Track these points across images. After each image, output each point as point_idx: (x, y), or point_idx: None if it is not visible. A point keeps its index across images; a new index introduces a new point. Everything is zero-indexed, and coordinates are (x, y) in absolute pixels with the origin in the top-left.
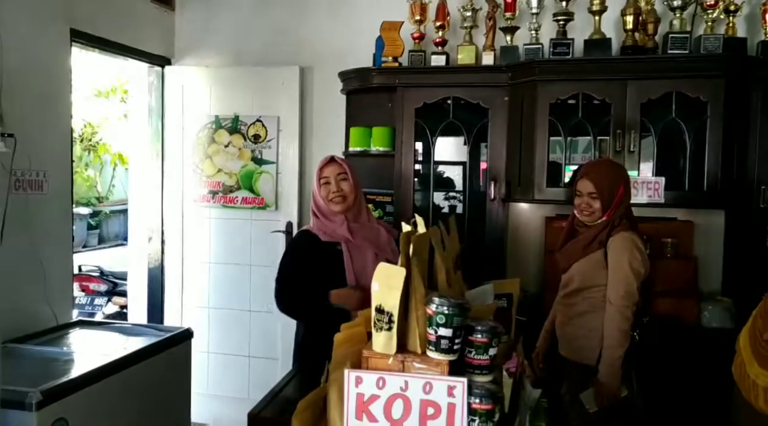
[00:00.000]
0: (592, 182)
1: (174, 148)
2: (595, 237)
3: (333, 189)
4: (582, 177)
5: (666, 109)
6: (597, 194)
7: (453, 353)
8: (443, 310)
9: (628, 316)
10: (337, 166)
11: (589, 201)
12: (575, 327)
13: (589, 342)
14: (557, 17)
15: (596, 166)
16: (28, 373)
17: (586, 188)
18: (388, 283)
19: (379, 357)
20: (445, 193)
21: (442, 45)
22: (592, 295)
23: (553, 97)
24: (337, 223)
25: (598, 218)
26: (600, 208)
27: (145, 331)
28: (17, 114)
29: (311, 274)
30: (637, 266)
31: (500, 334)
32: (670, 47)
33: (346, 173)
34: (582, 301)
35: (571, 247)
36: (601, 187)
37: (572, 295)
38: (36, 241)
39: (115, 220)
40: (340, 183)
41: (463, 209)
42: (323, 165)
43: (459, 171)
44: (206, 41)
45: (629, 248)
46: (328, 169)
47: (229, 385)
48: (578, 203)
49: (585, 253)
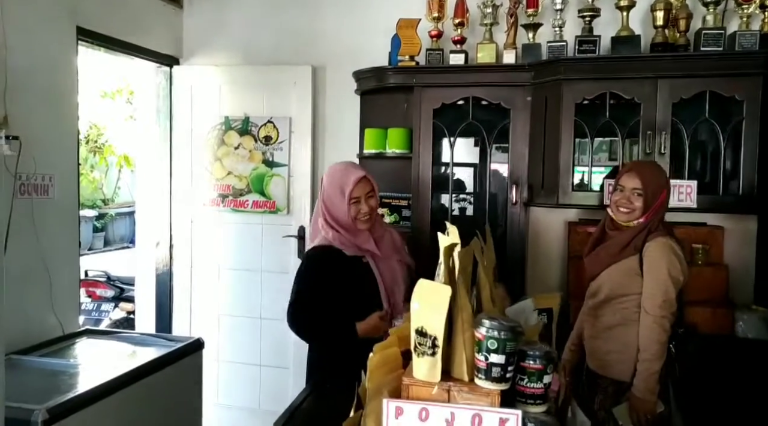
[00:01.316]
0: (640, 178)
1: (182, 150)
2: (629, 241)
3: (363, 209)
4: (628, 171)
5: (699, 110)
6: (642, 191)
7: (505, 382)
8: (495, 335)
9: (666, 327)
10: (367, 183)
11: (631, 197)
12: (606, 340)
13: (622, 356)
14: (583, 13)
15: (643, 163)
16: (34, 388)
17: (632, 183)
18: (431, 302)
19: (421, 385)
20: (456, 195)
21: (460, 43)
22: (624, 305)
23: (579, 97)
24: (362, 238)
25: (636, 218)
26: (641, 208)
27: (155, 342)
28: (22, 115)
29: (339, 293)
30: (675, 274)
31: (554, 359)
32: (703, 44)
33: (373, 191)
34: (613, 312)
35: (602, 252)
36: (647, 184)
37: (602, 306)
38: (42, 247)
39: (120, 223)
40: (368, 201)
41: (474, 211)
42: (355, 184)
43: (469, 173)
44: (216, 40)
45: (667, 254)
46: (359, 189)
47: (239, 394)
48: (617, 199)
49: (617, 259)
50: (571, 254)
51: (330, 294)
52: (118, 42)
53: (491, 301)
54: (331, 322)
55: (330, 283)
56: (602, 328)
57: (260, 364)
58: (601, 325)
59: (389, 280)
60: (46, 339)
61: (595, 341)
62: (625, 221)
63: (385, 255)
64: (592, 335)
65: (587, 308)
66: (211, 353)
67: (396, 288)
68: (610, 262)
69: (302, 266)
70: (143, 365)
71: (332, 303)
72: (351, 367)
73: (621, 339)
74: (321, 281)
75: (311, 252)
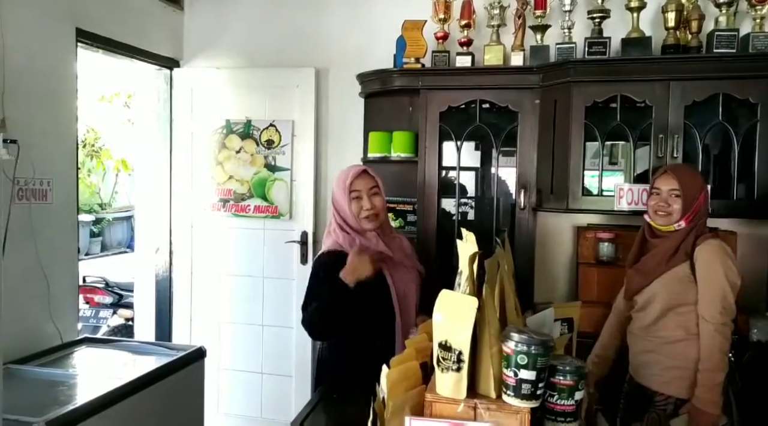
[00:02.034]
0: (676, 178)
1: (182, 154)
2: (677, 247)
3: (366, 205)
4: (663, 174)
5: (712, 112)
6: (680, 192)
7: (535, 399)
8: (525, 349)
9: (727, 335)
10: (369, 179)
11: (668, 200)
12: (668, 355)
13: (684, 372)
14: (592, 14)
15: (678, 165)
16: (32, 399)
17: (668, 184)
18: (456, 314)
19: (445, 402)
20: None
21: (467, 45)
22: (683, 316)
23: (589, 100)
24: (372, 241)
25: (675, 222)
26: (680, 210)
27: (155, 350)
28: (21, 118)
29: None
30: (732, 277)
31: (585, 374)
32: (716, 46)
33: (377, 187)
34: (674, 325)
35: (649, 261)
36: (684, 185)
37: (657, 319)
38: (40, 253)
39: (118, 227)
40: (372, 198)
41: (475, 216)
42: (354, 177)
43: (470, 176)
44: (217, 42)
45: (721, 256)
46: (359, 182)
47: (241, 403)
48: (654, 203)
49: (668, 267)
50: (580, 260)
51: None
52: (118, 44)
53: (516, 312)
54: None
55: (341, 288)
56: (661, 342)
57: (262, 372)
58: (659, 340)
59: (401, 286)
60: (44, 348)
61: (652, 356)
62: (665, 225)
63: (397, 259)
64: (648, 349)
65: (637, 322)
66: (212, 361)
67: (408, 295)
68: (660, 271)
69: (313, 271)
70: (144, 375)
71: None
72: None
73: (684, 353)
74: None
75: (321, 258)
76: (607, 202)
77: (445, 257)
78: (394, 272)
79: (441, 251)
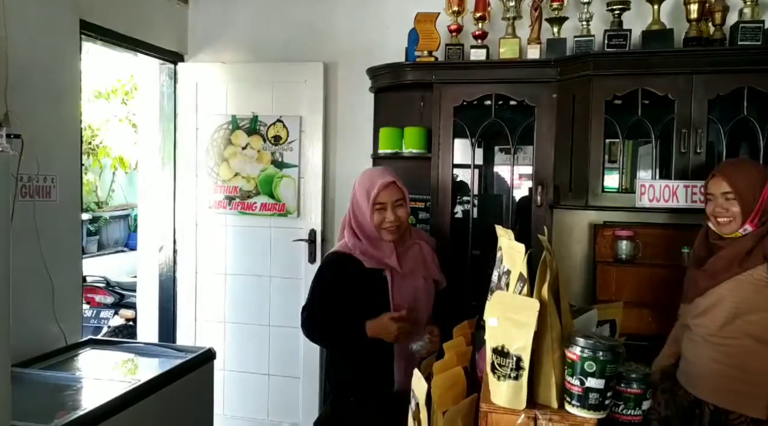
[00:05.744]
0: (726, 179)
1: (187, 151)
2: (752, 248)
3: (390, 218)
4: (712, 177)
5: (736, 106)
6: (733, 194)
7: (603, 410)
8: (593, 355)
9: None
10: (396, 190)
11: (724, 204)
12: (741, 369)
13: (756, 388)
14: (611, 7)
15: (731, 163)
16: (38, 405)
17: (720, 187)
18: (515, 318)
19: (502, 412)
20: (459, 197)
21: (481, 38)
22: (754, 325)
23: (609, 94)
24: (385, 251)
25: (740, 227)
26: (740, 213)
27: (162, 352)
28: (24, 113)
29: (352, 302)
30: None
31: (654, 382)
32: (741, 38)
33: (403, 199)
34: (741, 333)
35: (720, 262)
36: (737, 186)
37: (725, 325)
38: (44, 253)
39: (115, 226)
40: (396, 210)
41: (478, 214)
42: (381, 189)
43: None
44: (222, 36)
45: None
46: (385, 195)
47: (247, 405)
48: (711, 209)
49: (743, 268)
50: (598, 258)
51: (341, 301)
52: (122, 37)
53: (569, 315)
54: (340, 324)
55: (342, 292)
56: (728, 351)
57: (269, 374)
58: (724, 349)
59: (407, 298)
60: (49, 350)
61: (715, 367)
62: (730, 234)
63: (407, 271)
64: (711, 359)
65: (698, 328)
66: (218, 362)
67: (417, 306)
68: (733, 273)
69: (318, 271)
70: (153, 379)
71: (342, 310)
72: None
73: (757, 366)
74: (334, 288)
75: (329, 257)
76: (630, 199)
77: (460, 257)
78: (400, 283)
79: (455, 252)
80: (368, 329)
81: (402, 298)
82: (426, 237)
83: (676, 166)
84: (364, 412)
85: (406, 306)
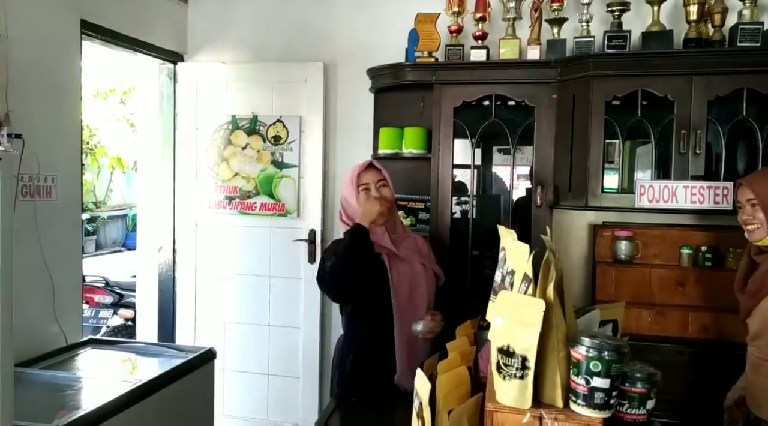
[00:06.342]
0: (749, 187)
1: (186, 150)
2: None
3: (375, 195)
4: (740, 185)
5: (736, 108)
6: (757, 201)
7: (608, 409)
8: (599, 355)
9: None
10: (376, 172)
11: (750, 211)
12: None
13: None
14: (611, 8)
15: (757, 172)
16: (39, 405)
17: (744, 195)
18: (520, 317)
19: (507, 411)
20: (457, 197)
21: (482, 39)
22: None
23: (609, 95)
24: (378, 234)
25: (767, 235)
26: (765, 220)
27: (162, 352)
28: (25, 112)
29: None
30: None
31: (658, 382)
32: (740, 40)
33: (386, 180)
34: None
35: (758, 279)
36: (759, 191)
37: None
38: (44, 252)
39: (112, 226)
40: (380, 189)
41: (476, 215)
42: (361, 170)
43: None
44: (222, 35)
45: None
46: (367, 175)
47: (246, 405)
48: (741, 218)
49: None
50: (597, 259)
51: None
52: (122, 36)
53: (573, 316)
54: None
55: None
56: None
57: (268, 374)
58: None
59: (405, 280)
60: (49, 350)
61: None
62: (759, 240)
63: (404, 255)
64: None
65: (755, 350)
66: (217, 362)
67: (416, 291)
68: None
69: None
70: (154, 379)
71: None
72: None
73: None
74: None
75: (332, 244)
76: (630, 200)
77: (459, 257)
78: (398, 265)
79: (454, 251)
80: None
81: (401, 279)
82: (420, 236)
83: (676, 167)
84: (366, 411)
85: (407, 287)
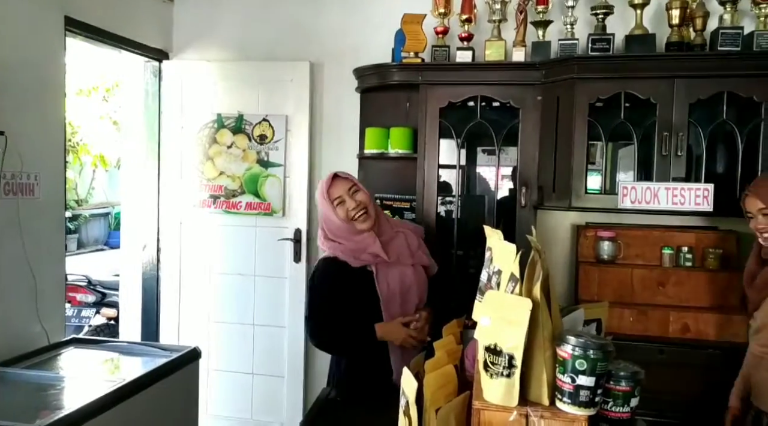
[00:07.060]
0: (759, 197)
1: (171, 149)
2: None
3: (351, 206)
4: (747, 195)
5: (716, 111)
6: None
7: (593, 406)
8: (583, 354)
9: None
10: (344, 181)
11: (763, 220)
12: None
13: None
14: (596, 11)
15: (761, 180)
16: (21, 404)
17: (755, 205)
18: (507, 316)
19: (494, 409)
20: (442, 197)
21: (467, 40)
22: None
23: (593, 97)
24: (368, 241)
25: None
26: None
27: (146, 351)
28: (7, 109)
29: (346, 304)
30: None
31: (642, 380)
32: (721, 44)
33: (355, 185)
34: None
35: (766, 274)
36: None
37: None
38: (27, 251)
39: (95, 224)
40: (354, 196)
41: (461, 214)
42: (328, 186)
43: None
44: (208, 34)
45: None
46: (336, 189)
47: (231, 404)
48: (754, 227)
49: None
50: (580, 259)
51: (338, 305)
52: (107, 33)
53: (559, 314)
54: (349, 330)
55: (337, 294)
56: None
57: (253, 373)
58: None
59: (396, 288)
60: (32, 349)
61: None
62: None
63: (393, 260)
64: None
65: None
66: (202, 362)
67: (407, 295)
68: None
69: (312, 279)
70: (139, 378)
71: (341, 313)
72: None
73: None
74: (329, 292)
75: (320, 264)
76: (612, 201)
77: (444, 256)
78: (387, 273)
79: (441, 251)
80: (378, 332)
81: (389, 287)
82: (412, 227)
83: (658, 169)
84: (352, 410)
85: (397, 294)
